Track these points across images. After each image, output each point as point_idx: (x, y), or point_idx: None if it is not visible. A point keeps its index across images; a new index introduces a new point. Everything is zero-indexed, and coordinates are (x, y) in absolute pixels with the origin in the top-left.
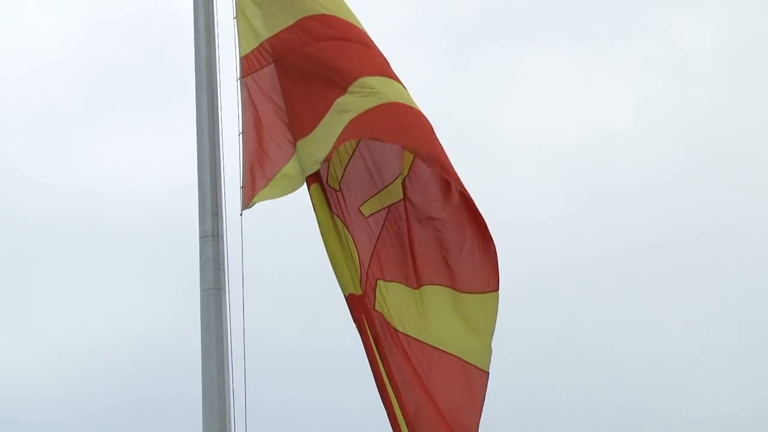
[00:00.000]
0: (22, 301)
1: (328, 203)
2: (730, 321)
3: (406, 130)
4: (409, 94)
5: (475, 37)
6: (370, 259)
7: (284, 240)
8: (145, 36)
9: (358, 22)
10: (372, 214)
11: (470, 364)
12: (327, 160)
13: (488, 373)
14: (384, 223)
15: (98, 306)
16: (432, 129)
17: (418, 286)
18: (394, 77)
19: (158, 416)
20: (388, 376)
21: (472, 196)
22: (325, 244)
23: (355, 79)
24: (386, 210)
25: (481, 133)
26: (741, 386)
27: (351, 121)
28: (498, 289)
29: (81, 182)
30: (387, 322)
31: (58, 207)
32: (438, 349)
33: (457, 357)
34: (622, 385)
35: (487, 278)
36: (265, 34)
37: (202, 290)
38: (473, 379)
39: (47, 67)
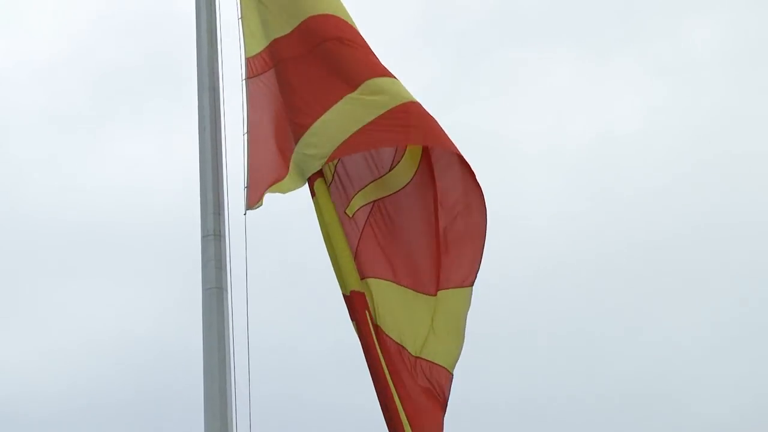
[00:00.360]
0: (23, 300)
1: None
2: (734, 323)
3: (412, 128)
4: (410, 93)
5: (482, 41)
6: (354, 258)
7: (285, 240)
8: (148, 36)
9: (355, 25)
10: (355, 212)
11: (441, 366)
12: (328, 161)
13: (452, 375)
14: (367, 218)
15: (100, 305)
16: (436, 121)
17: (435, 291)
18: (394, 77)
19: (160, 416)
20: (389, 371)
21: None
22: (327, 239)
23: (365, 79)
24: (370, 206)
25: (488, 137)
26: (740, 389)
27: (354, 134)
28: (473, 285)
29: (84, 183)
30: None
31: (60, 207)
32: (416, 357)
33: (435, 363)
34: (622, 385)
35: (467, 272)
36: (272, 36)
37: (204, 289)
38: (444, 380)
39: (51, 69)
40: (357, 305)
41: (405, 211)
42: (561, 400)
